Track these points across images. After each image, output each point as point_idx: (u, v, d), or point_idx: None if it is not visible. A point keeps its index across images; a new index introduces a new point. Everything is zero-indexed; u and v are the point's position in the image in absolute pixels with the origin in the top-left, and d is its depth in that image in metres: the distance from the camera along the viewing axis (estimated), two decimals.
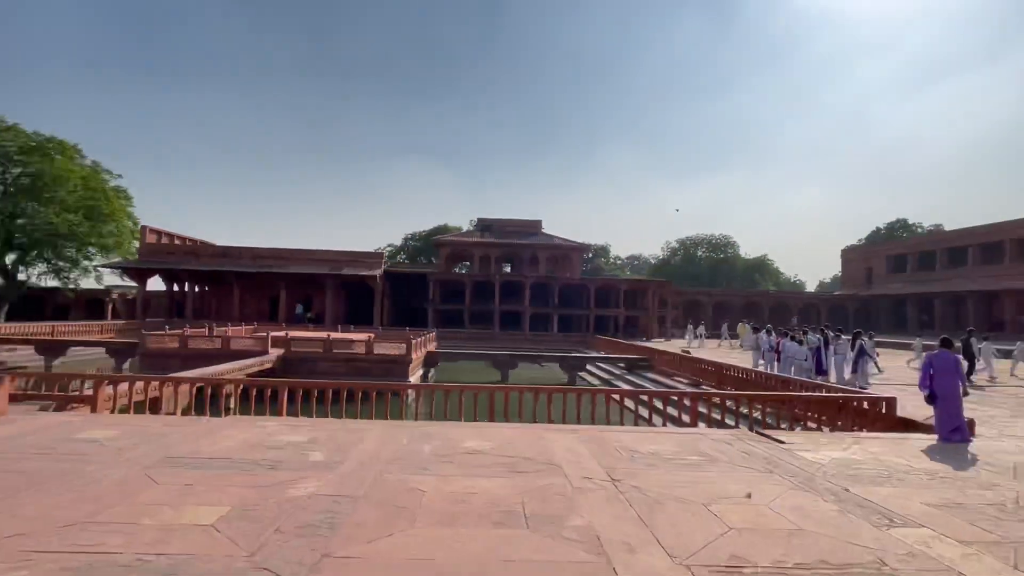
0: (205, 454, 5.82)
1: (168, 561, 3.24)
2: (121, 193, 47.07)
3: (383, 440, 6.67)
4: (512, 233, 56.46)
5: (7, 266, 42.80)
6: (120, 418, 8.00)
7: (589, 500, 4.60)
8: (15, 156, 40.56)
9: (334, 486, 4.79)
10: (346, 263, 44.42)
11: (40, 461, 5.36)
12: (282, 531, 3.74)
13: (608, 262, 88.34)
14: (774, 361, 18.52)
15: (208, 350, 22.41)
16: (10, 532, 3.61)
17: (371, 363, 22.53)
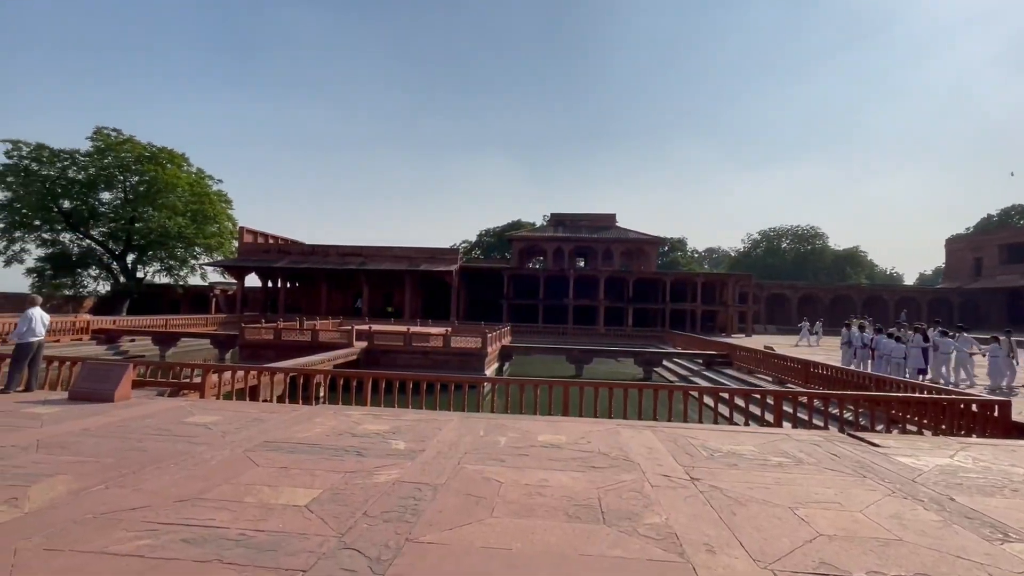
0: (298, 439, 6.24)
1: (268, 538, 3.52)
2: (222, 197, 51.16)
3: (460, 431, 6.86)
4: (586, 227, 56.01)
5: (128, 265, 47.72)
6: (224, 404, 8.73)
7: (667, 498, 4.51)
8: (132, 166, 45.08)
9: (416, 474, 4.99)
10: (424, 260, 45.81)
11: (158, 441, 5.97)
12: (369, 515, 3.95)
13: (685, 256, 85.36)
14: (868, 359, 17.24)
15: (299, 342, 23.92)
16: (136, 504, 4.05)
17: (448, 356, 23.13)
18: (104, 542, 3.38)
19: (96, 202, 45.74)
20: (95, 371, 8.55)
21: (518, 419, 7.93)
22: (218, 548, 3.33)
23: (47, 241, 45.50)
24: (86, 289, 47.40)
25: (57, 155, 43.63)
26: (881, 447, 6.66)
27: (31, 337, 8.77)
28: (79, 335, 27.54)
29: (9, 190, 42.57)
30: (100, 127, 45.08)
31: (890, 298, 56.02)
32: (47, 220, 44.27)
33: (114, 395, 8.16)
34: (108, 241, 47.08)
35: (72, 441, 5.84)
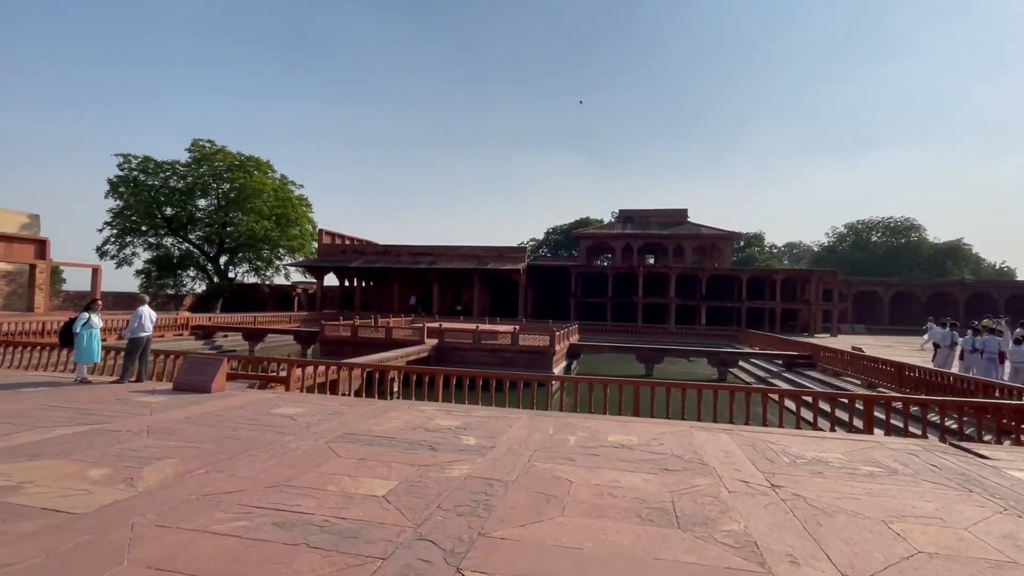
0: (375, 432, 6.51)
1: (349, 525, 3.70)
2: (303, 201, 54.11)
3: (530, 429, 6.90)
4: (655, 223, 54.67)
5: (221, 266, 51.51)
6: (307, 396, 9.25)
7: (745, 504, 4.33)
8: (224, 174, 48.62)
9: (487, 470, 5.08)
10: (491, 258, 46.38)
11: (250, 430, 6.41)
12: (443, 508, 4.06)
13: (762, 251, 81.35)
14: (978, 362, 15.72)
15: (374, 339, 24.90)
16: (232, 488, 4.38)
17: (516, 354, 23.30)
18: (206, 521, 3.68)
19: (193, 208, 49.66)
20: (195, 364, 9.30)
21: (587, 418, 7.87)
22: (305, 533, 3.54)
23: (152, 245, 49.93)
24: (185, 288, 51.61)
25: (160, 166, 47.84)
26: (991, 459, 6.07)
27: (141, 333, 9.67)
28: (180, 331, 30.03)
29: (121, 199, 47.10)
30: (196, 139, 49.00)
31: (999, 295, 50.83)
32: (152, 226, 48.58)
33: (211, 387, 8.85)
34: (204, 244, 51.06)
35: (177, 428, 6.39)
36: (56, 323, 22.49)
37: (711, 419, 8.70)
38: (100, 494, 4.16)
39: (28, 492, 4.15)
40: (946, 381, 12.34)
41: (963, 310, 48.88)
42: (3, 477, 4.47)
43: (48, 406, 7.38)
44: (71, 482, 4.41)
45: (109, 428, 6.26)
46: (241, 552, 3.24)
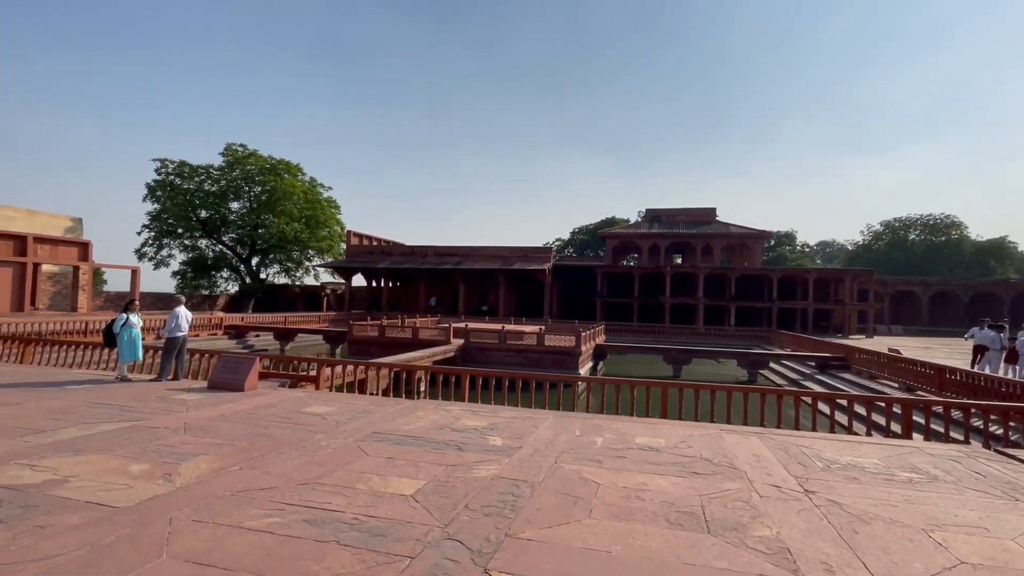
0: (402, 432, 6.57)
1: (378, 524, 3.74)
2: (332, 203, 55.03)
3: (556, 430, 6.88)
4: (683, 223, 53.95)
5: (253, 267, 52.75)
6: (336, 396, 9.40)
7: (777, 510, 4.24)
8: (256, 177, 49.78)
9: (513, 471, 5.08)
10: (517, 259, 46.42)
11: (281, 428, 6.55)
12: (470, 508, 4.08)
13: (793, 250, 79.51)
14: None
15: (401, 339, 25.16)
16: (265, 485, 4.48)
17: (542, 354, 23.27)
18: (240, 517, 3.77)
19: (227, 211, 50.96)
20: (228, 364, 9.54)
21: (614, 420, 7.82)
22: (335, 530, 3.59)
23: (188, 247, 51.42)
24: (219, 289, 53.00)
25: (195, 170, 49.25)
26: None
27: (178, 332, 9.96)
28: (214, 331, 30.85)
29: (158, 203, 48.64)
30: (229, 143, 50.30)
31: None
32: (188, 228, 50.03)
33: (244, 385, 9.06)
34: (236, 246, 52.36)
35: (212, 425, 6.57)
36: (97, 323, 23.34)
37: (741, 422, 8.54)
38: (140, 489, 4.30)
39: (73, 486, 4.31)
40: (990, 385, 11.86)
41: (1008, 310, 46.94)
42: (50, 471, 4.66)
43: (91, 403, 7.66)
44: (113, 477, 4.57)
45: (148, 425, 6.47)
46: (274, 548, 3.31)
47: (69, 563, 3.05)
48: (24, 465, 4.80)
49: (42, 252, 30.34)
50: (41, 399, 7.82)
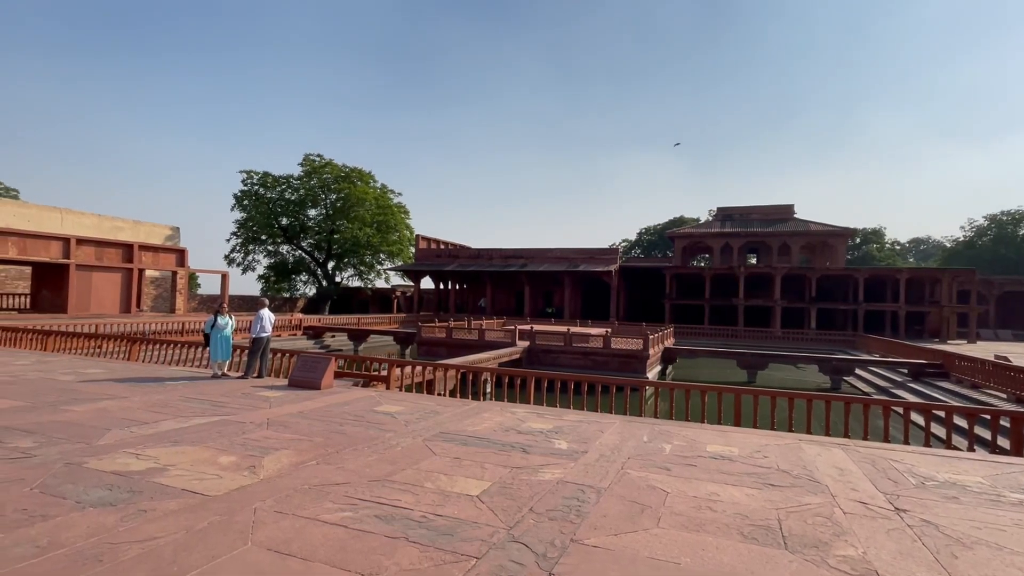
0: (469, 432, 6.68)
1: (445, 523, 3.82)
2: (401, 208, 56.94)
3: (623, 435, 6.76)
4: (758, 221, 51.56)
5: (329, 271, 55.44)
6: (405, 395, 9.69)
7: (864, 528, 3.95)
8: (331, 185, 52.35)
9: (579, 475, 5.04)
10: (582, 260, 46.05)
11: (355, 426, 6.82)
12: (535, 512, 4.08)
13: (882, 248, 74.01)
14: None
15: (467, 340, 25.59)
16: (340, 481, 4.68)
17: (608, 357, 22.95)
18: (317, 510, 3.96)
19: (305, 218, 53.91)
20: (306, 363, 10.07)
21: (684, 426, 7.58)
22: (404, 527, 3.70)
23: (271, 252, 54.82)
24: (298, 292, 56.11)
25: (277, 180, 52.45)
26: None
27: (262, 333, 10.62)
28: (294, 331, 32.65)
29: (245, 212, 52.17)
30: (307, 154, 53.20)
31: None
32: (271, 235, 53.33)
33: (320, 384, 9.53)
34: (314, 251, 55.26)
35: (291, 421, 6.95)
36: (192, 323, 25.31)
37: (823, 432, 8.04)
38: (228, 479, 4.62)
39: (171, 474, 4.70)
40: None
41: None
42: (152, 460, 5.09)
43: (186, 398, 8.31)
44: (205, 467, 4.93)
45: (235, 419, 6.94)
46: (347, 541, 3.45)
47: (167, 546, 3.32)
48: (131, 454, 5.28)
49: (146, 259, 33.26)
50: (145, 393, 8.57)
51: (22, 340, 15.74)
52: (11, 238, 26.67)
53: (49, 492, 4.18)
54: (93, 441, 5.69)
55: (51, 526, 3.56)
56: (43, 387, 8.83)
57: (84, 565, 3.04)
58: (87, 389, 8.77)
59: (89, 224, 33.73)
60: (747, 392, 9.00)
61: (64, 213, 32.91)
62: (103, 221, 34.90)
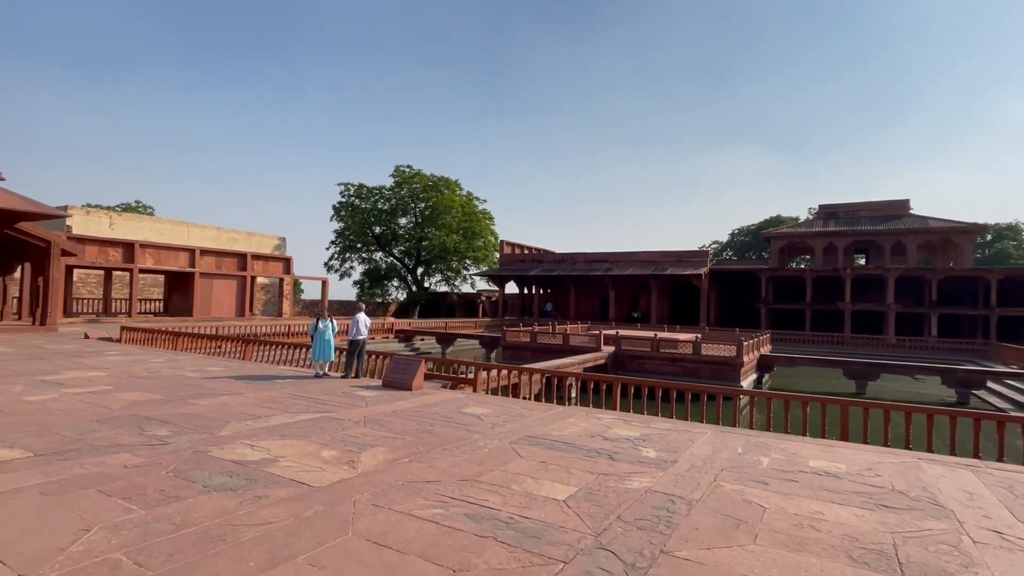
0: (554, 437, 6.69)
1: (532, 525, 3.86)
2: (486, 214, 58.18)
3: (715, 445, 6.48)
4: (866, 218, 47.40)
5: (418, 277, 57.73)
6: (492, 398, 9.88)
7: (998, 561, 3.53)
8: (420, 194, 54.58)
9: (668, 485, 4.90)
10: (669, 263, 44.64)
11: (444, 427, 7.06)
12: (623, 519, 4.02)
13: (1020, 246, 65.47)
14: None
15: (552, 345, 25.61)
16: (430, 479, 4.86)
17: (698, 364, 22.07)
18: (410, 506, 4.15)
19: (396, 226, 56.56)
20: (399, 365, 10.54)
21: (782, 439, 7.13)
22: (492, 527, 3.78)
23: (365, 259, 57.97)
24: (390, 297, 58.85)
25: (371, 191, 55.49)
26: None
27: (358, 336, 11.27)
28: (386, 334, 34.24)
29: (342, 222, 55.64)
30: (398, 165, 55.87)
31: None
32: (365, 243, 56.45)
33: (412, 385, 9.94)
34: (404, 257, 57.82)
35: (385, 420, 7.31)
36: (297, 326, 27.29)
37: (947, 452, 7.24)
38: (330, 472, 4.94)
39: (281, 465, 5.10)
40: None
41: None
42: (264, 451, 5.56)
43: (293, 395, 8.98)
44: (309, 460, 5.31)
45: (335, 417, 7.41)
46: (439, 537, 3.59)
47: (279, 531, 3.62)
48: (247, 445, 5.79)
49: (257, 267, 36.32)
50: (257, 390, 9.36)
51: (157, 340, 17.73)
52: (148, 250, 30.16)
53: (181, 476, 4.69)
54: (215, 432, 6.30)
55: (183, 506, 3.99)
56: (174, 383, 9.91)
57: (210, 543, 3.39)
58: (210, 385, 9.73)
59: (210, 236, 37.40)
60: (855, 404, 8.30)
61: (190, 227, 36.75)
62: (221, 233, 38.57)
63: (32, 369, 10.94)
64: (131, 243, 29.43)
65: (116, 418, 6.88)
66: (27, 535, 3.43)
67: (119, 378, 10.20)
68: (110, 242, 28.84)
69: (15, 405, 7.47)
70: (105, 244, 28.60)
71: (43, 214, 19.48)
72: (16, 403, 7.59)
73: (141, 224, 34.48)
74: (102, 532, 3.50)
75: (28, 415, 6.89)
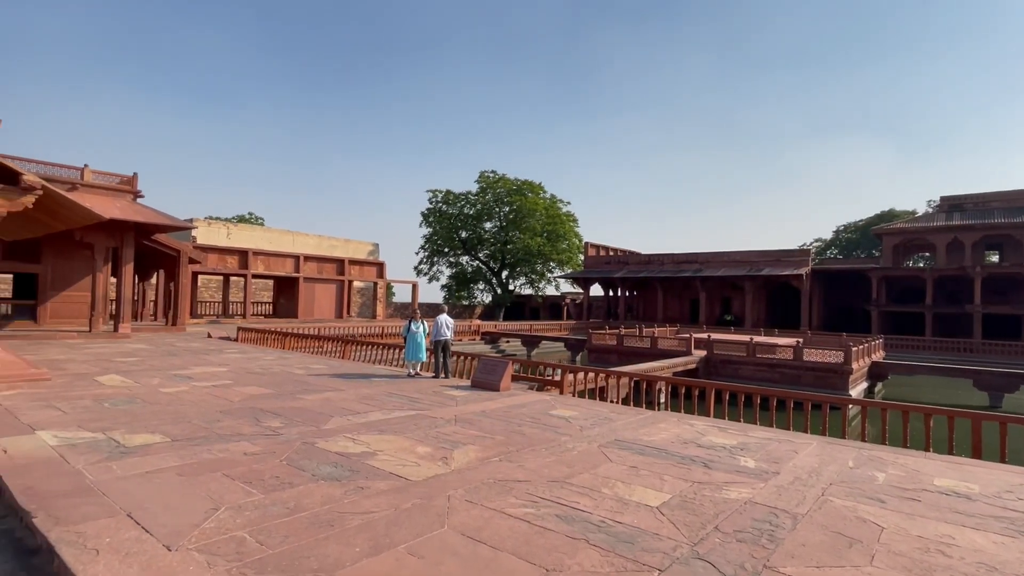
0: (644, 442, 6.54)
1: (625, 530, 3.79)
2: (570, 217, 58.01)
3: (822, 458, 6.04)
4: (999, 209, 42.06)
5: (503, 280, 58.61)
6: (579, 401, 9.82)
7: None
8: (504, 198, 55.43)
9: (770, 497, 4.63)
10: (766, 263, 42.17)
11: (532, 428, 7.11)
12: (721, 530, 3.85)
13: None
14: None
15: (639, 348, 25.04)
16: (520, 478, 4.92)
17: (800, 371, 20.68)
18: (501, 504, 4.22)
19: (481, 230, 57.82)
20: (487, 365, 10.76)
21: (900, 453, 6.51)
22: (584, 529, 3.76)
23: (452, 263, 59.77)
24: (476, 300, 60.22)
25: (457, 197, 57.14)
26: None
27: (439, 337, 11.64)
28: (473, 336, 35.06)
29: (430, 227, 57.74)
30: (483, 171, 57.11)
31: None
32: (452, 247, 58.21)
33: (499, 386, 10.10)
34: (489, 261, 58.92)
35: (475, 419, 7.49)
36: (389, 327, 28.62)
37: None
38: (425, 467, 5.14)
39: (380, 459, 5.38)
40: None
41: None
42: (364, 445, 5.89)
43: (388, 393, 9.44)
44: (405, 455, 5.55)
45: (428, 414, 7.69)
46: (531, 536, 3.62)
47: (380, 520, 3.82)
48: (348, 438, 6.16)
49: (353, 271, 38.55)
50: (356, 387, 9.93)
51: (267, 340, 19.30)
52: (260, 257, 32.94)
53: (292, 465, 5.08)
54: (320, 425, 6.76)
55: (295, 492, 4.32)
56: (284, 379, 10.73)
57: (320, 528, 3.64)
58: (314, 382, 10.44)
59: (311, 244, 40.17)
60: (990, 418, 7.41)
61: (295, 235, 39.68)
62: (322, 241, 41.29)
63: (167, 364, 12.30)
64: (245, 251, 32.27)
65: (236, 410, 7.57)
66: (168, 510, 3.87)
67: (238, 374, 11.21)
68: (227, 250, 31.81)
69: (155, 396, 8.44)
70: (223, 252, 31.59)
71: (175, 226, 21.85)
72: (155, 394, 8.57)
73: (253, 234, 37.70)
74: (228, 512, 3.87)
75: (165, 405, 7.76)
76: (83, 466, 4.85)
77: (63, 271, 20.55)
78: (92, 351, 14.48)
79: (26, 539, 3.89)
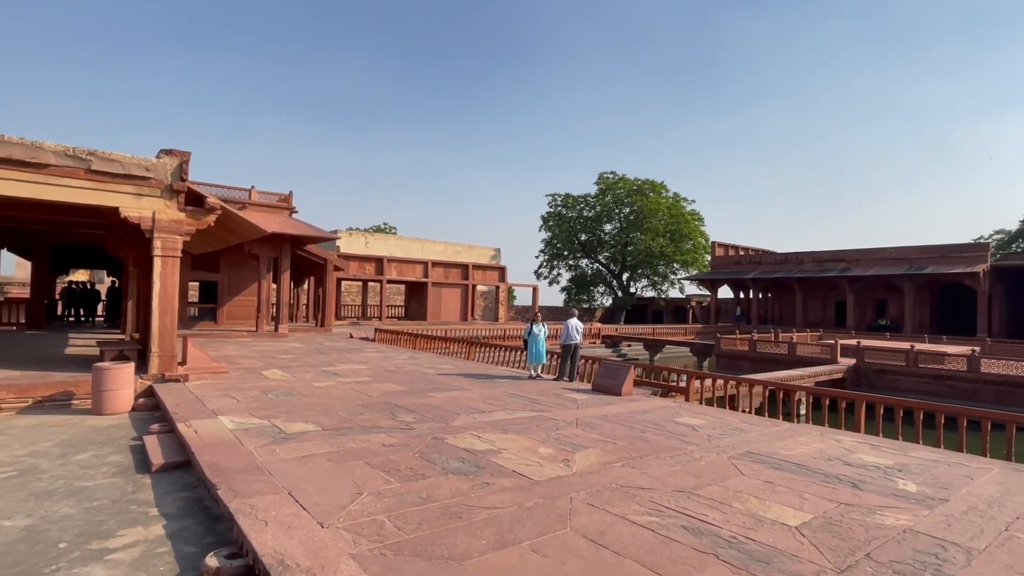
0: (781, 456, 6.05)
1: (759, 548, 3.56)
2: (695, 216, 55.32)
3: (1006, 487, 5.17)
4: None
5: (623, 282, 57.40)
6: (706, 409, 9.33)
7: None
8: (624, 199, 54.30)
9: (937, 527, 4.07)
10: (930, 260, 36.90)
11: (655, 434, 6.90)
12: (874, 559, 3.46)
13: None
14: None
15: (774, 354, 23.20)
16: (644, 485, 4.81)
17: (976, 384, 17.85)
18: (624, 510, 4.16)
19: (601, 232, 57.17)
20: (608, 369, 10.63)
21: None
22: (713, 544, 3.59)
23: (571, 266, 59.75)
24: (596, 303, 59.59)
25: (576, 200, 57.06)
26: None
27: (569, 340, 11.68)
28: (593, 339, 34.74)
29: (550, 231, 58.25)
30: (602, 172, 56.39)
31: None
32: (571, 250, 58.21)
33: (621, 390, 9.93)
34: (609, 263, 58.06)
35: (596, 423, 7.44)
36: (511, 330, 29.34)
37: None
38: (547, 468, 5.22)
39: (504, 457, 5.56)
40: None
41: None
42: (489, 443, 6.12)
43: (511, 394, 9.70)
44: (528, 455, 5.68)
45: (549, 416, 7.79)
46: (655, 545, 3.53)
47: (505, 516, 3.95)
48: (474, 435, 6.44)
49: (476, 276, 40.08)
50: (480, 388, 10.33)
51: (400, 340, 20.75)
52: (393, 263, 35.52)
53: (424, 458, 5.43)
54: (449, 422, 7.14)
55: (427, 484, 4.62)
56: (415, 377, 11.48)
57: (450, 519, 3.86)
58: (443, 380, 11.04)
59: (438, 250, 42.48)
60: None
61: (423, 243, 42.24)
62: (448, 247, 43.50)
63: (317, 361, 13.72)
64: (380, 258, 34.99)
65: (375, 404, 8.25)
66: (320, 491, 4.33)
67: (376, 371, 12.20)
68: (365, 258, 34.70)
69: (308, 389, 9.47)
70: (362, 260, 34.51)
71: (323, 238, 24.32)
72: (309, 388, 9.61)
73: (387, 242, 40.75)
74: (370, 497, 4.24)
75: (317, 397, 8.68)
76: (253, 448, 5.60)
77: (235, 279, 23.76)
78: (258, 348, 16.59)
79: (212, 507, 4.57)
